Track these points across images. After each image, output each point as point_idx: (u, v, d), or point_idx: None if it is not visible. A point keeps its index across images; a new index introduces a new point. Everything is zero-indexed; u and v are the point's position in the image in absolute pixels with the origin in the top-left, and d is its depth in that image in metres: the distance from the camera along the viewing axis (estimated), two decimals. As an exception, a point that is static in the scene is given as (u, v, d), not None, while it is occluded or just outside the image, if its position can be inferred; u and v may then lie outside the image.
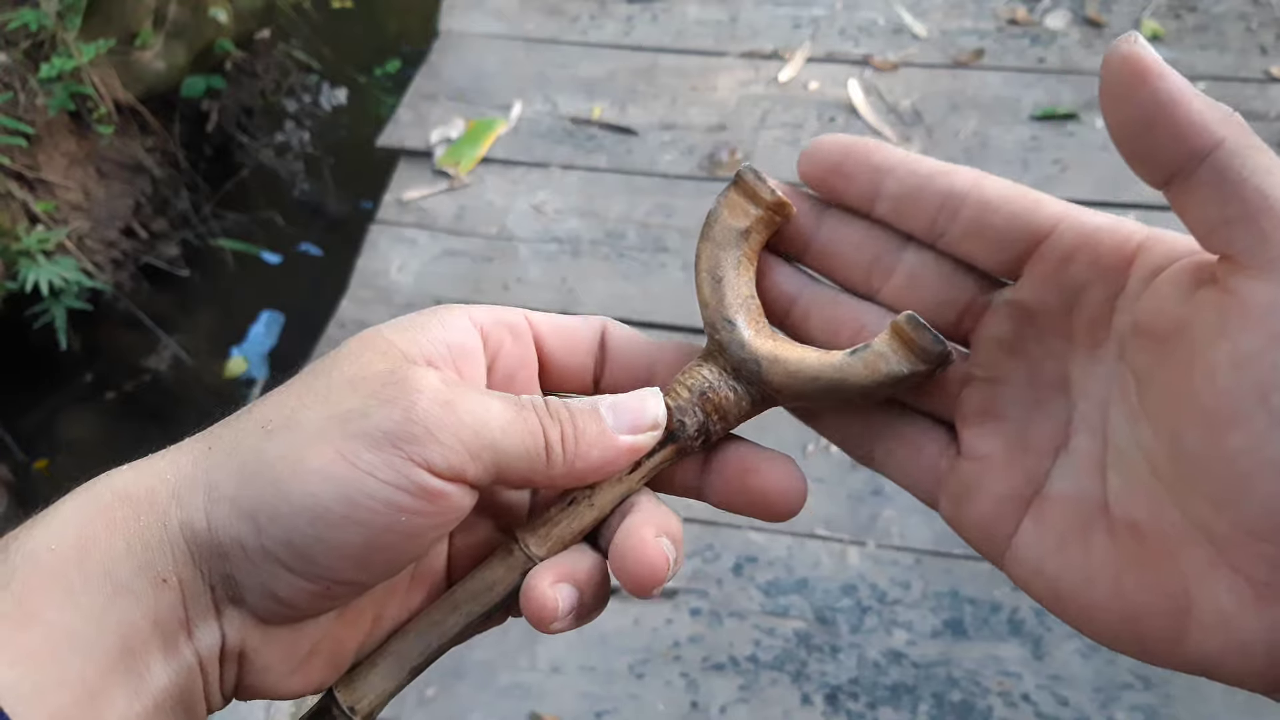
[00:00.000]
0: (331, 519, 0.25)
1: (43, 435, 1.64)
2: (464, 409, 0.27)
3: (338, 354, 0.29)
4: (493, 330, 0.31)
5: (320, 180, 2.02)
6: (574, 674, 1.14)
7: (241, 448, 0.27)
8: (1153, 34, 1.85)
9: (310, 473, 0.25)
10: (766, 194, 0.31)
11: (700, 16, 1.96)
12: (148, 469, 0.27)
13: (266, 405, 0.28)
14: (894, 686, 1.13)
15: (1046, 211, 0.28)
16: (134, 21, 1.78)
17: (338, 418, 0.26)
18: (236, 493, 0.26)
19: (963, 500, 0.30)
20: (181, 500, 0.26)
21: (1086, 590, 0.27)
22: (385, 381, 0.27)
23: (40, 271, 1.53)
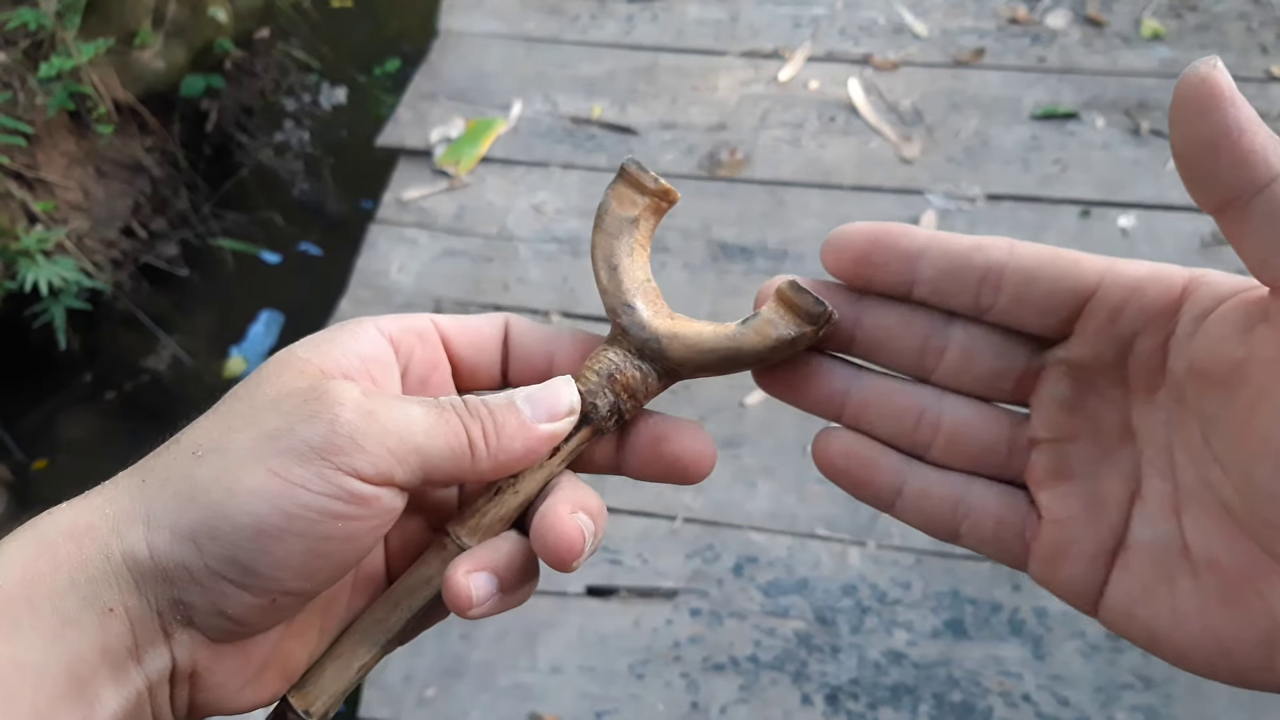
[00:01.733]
0: (271, 532, 0.27)
1: (42, 435, 1.64)
2: (386, 417, 0.28)
3: (258, 376, 0.30)
4: (401, 338, 0.32)
5: (320, 180, 2.02)
6: (574, 674, 1.14)
7: (174, 476, 0.28)
8: (1153, 33, 1.85)
9: (245, 491, 0.27)
10: (650, 183, 0.34)
11: (700, 16, 1.96)
12: (86, 506, 0.28)
13: (195, 431, 0.29)
14: (894, 687, 1.12)
15: (1087, 269, 0.29)
16: (133, 21, 1.78)
17: (265, 437, 0.27)
18: (175, 519, 0.27)
19: (1052, 563, 0.31)
20: (121, 533, 0.27)
21: (1179, 631, 0.28)
22: (306, 398, 0.28)
23: (39, 271, 1.53)
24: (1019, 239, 0.32)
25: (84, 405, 1.70)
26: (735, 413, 1.34)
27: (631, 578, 1.21)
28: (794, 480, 1.28)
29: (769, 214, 1.61)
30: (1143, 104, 1.73)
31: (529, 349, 0.34)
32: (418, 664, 1.14)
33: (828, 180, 1.65)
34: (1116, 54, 1.82)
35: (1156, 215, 1.57)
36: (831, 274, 0.32)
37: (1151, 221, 1.56)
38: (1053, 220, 1.57)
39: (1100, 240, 1.53)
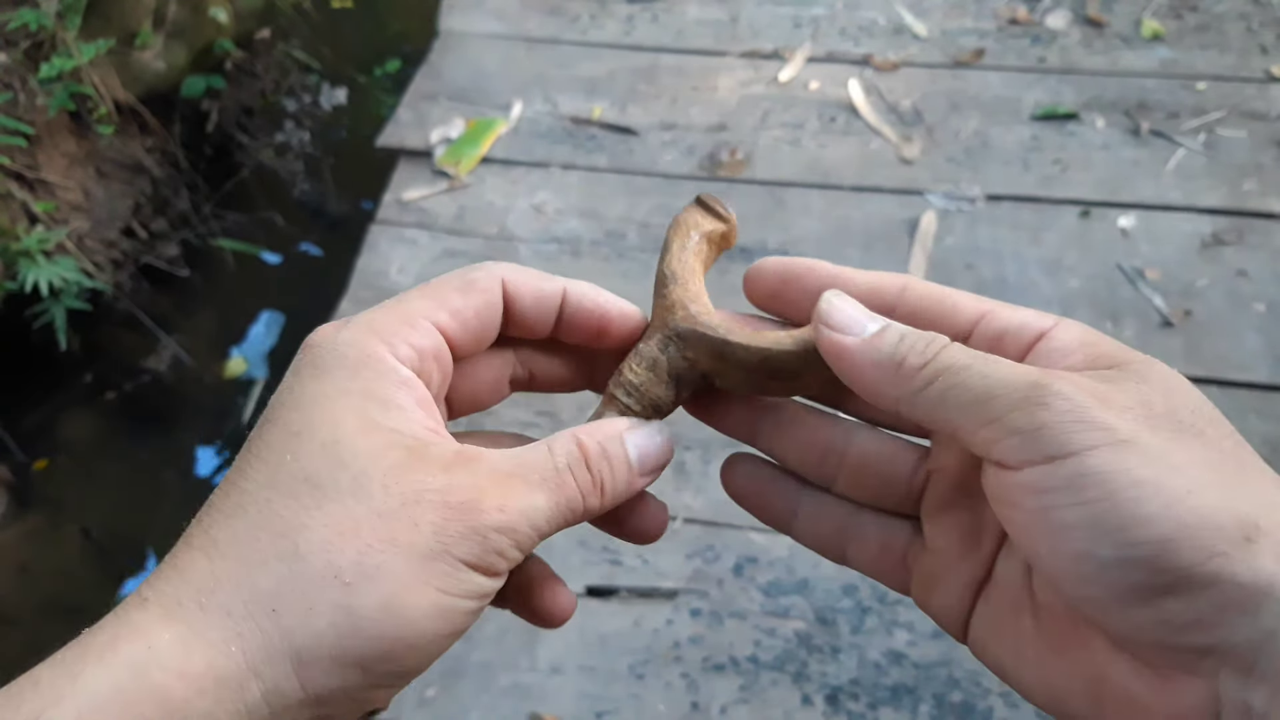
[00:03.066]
0: (442, 642, 0.28)
1: (43, 435, 1.64)
2: (519, 518, 0.28)
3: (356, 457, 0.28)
4: (423, 368, 0.31)
5: (320, 180, 2.02)
6: (574, 674, 1.14)
7: (321, 606, 0.26)
8: (1153, 34, 1.85)
9: (420, 618, 0.27)
10: (723, 210, 0.35)
11: (700, 16, 1.96)
12: (196, 640, 0.25)
13: (316, 544, 0.27)
14: (894, 687, 1.12)
15: (964, 315, 0.31)
16: (134, 21, 1.78)
17: (421, 560, 0.27)
18: (338, 653, 0.26)
19: (929, 589, 0.32)
20: (262, 674, 0.26)
21: (1022, 669, 0.29)
22: (446, 513, 0.27)
23: (40, 272, 1.53)
24: (1019, 239, 0.32)
25: (84, 406, 1.70)
26: (735, 413, 1.34)
27: (632, 578, 1.21)
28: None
29: (769, 214, 1.61)
30: (1143, 104, 1.73)
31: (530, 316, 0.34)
32: (418, 664, 1.14)
33: (828, 181, 1.65)
34: (1116, 54, 1.82)
35: (1156, 215, 1.57)
36: (751, 302, 0.35)
37: (1151, 221, 1.56)
38: (1053, 221, 1.57)
39: (1100, 240, 1.53)
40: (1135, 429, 0.25)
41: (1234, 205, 1.57)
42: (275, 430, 0.29)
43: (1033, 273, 1.49)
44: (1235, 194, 1.58)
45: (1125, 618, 0.25)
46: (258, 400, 1.67)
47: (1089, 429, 0.25)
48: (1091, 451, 0.24)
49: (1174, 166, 1.63)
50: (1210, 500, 0.24)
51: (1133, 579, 0.24)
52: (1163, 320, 1.42)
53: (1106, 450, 0.24)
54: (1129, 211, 1.58)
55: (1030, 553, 0.27)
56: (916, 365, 0.28)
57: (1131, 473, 0.24)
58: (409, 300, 0.32)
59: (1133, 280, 1.48)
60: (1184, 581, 0.24)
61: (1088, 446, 0.24)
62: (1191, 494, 0.24)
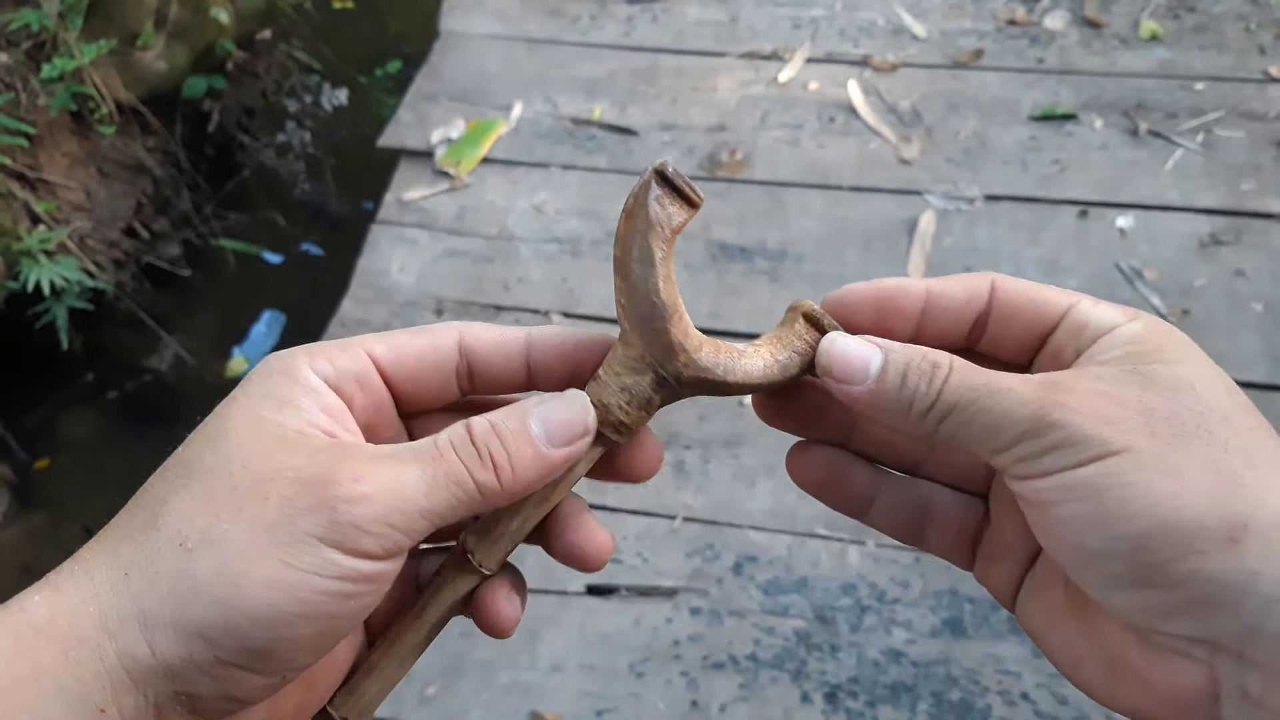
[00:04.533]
0: (287, 620, 0.27)
1: (44, 435, 1.65)
2: (382, 494, 0.27)
3: (223, 438, 0.29)
4: (341, 386, 0.31)
5: (321, 180, 2.02)
6: (574, 673, 1.15)
7: (165, 571, 0.27)
8: (1151, 34, 1.85)
9: (258, 585, 0.26)
10: (694, 195, 0.32)
11: (700, 17, 1.96)
12: (62, 601, 0.27)
13: (171, 516, 0.28)
14: (893, 685, 1.13)
15: (1054, 308, 0.32)
16: (135, 22, 1.78)
17: (265, 528, 0.27)
18: (176, 616, 0.26)
19: (989, 564, 0.34)
20: (113, 633, 0.26)
21: (1050, 636, 0.31)
22: (297, 486, 0.27)
23: (42, 271, 1.53)
24: (1018, 239, 0.33)
25: (86, 405, 1.70)
26: (735, 412, 1.34)
27: (632, 577, 1.22)
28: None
29: (769, 214, 1.61)
30: (1141, 105, 1.73)
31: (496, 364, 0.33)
32: (419, 663, 1.15)
33: (827, 181, 1.66)
34: (1115, 55, 1.83)
35: (1154, 215, 1.58)
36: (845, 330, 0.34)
37: (1149, 222, 1.56)
38: (1051, 221, 1.57)
39: (1099, 240, 1.54)
40: (1131, 438, 0.27)
41: (1232, 205, 1.57)
42: (192, 437, 0.30)
43: (1031, 273, 1.50)
44: (1233, 194, 1.59)
45: (1116, 601, 0.27)
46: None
47: (1086, 447, 0.27)
48: (1087, 465, 0.27)
49: (1172, 167, 1.63)
50: (1197, 501, 0.26)
51: (1115, 569, 0.27)
52: (1161, 320, 1.42)
53: (1100, 463, 0.27)
54: (1127, 211, 1.58)
55: (1043, 544, 0.29)
56: (924, 409, 0.29)
57: (1120, 476, 0.26)
58: (357, 336, 0.33)
59: (1131, 280, 1.48)
60: (1162, 575, 0.26)
61: (1083, 461, 0.27)
62: (1177, 495, 0.26)
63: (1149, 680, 0.28)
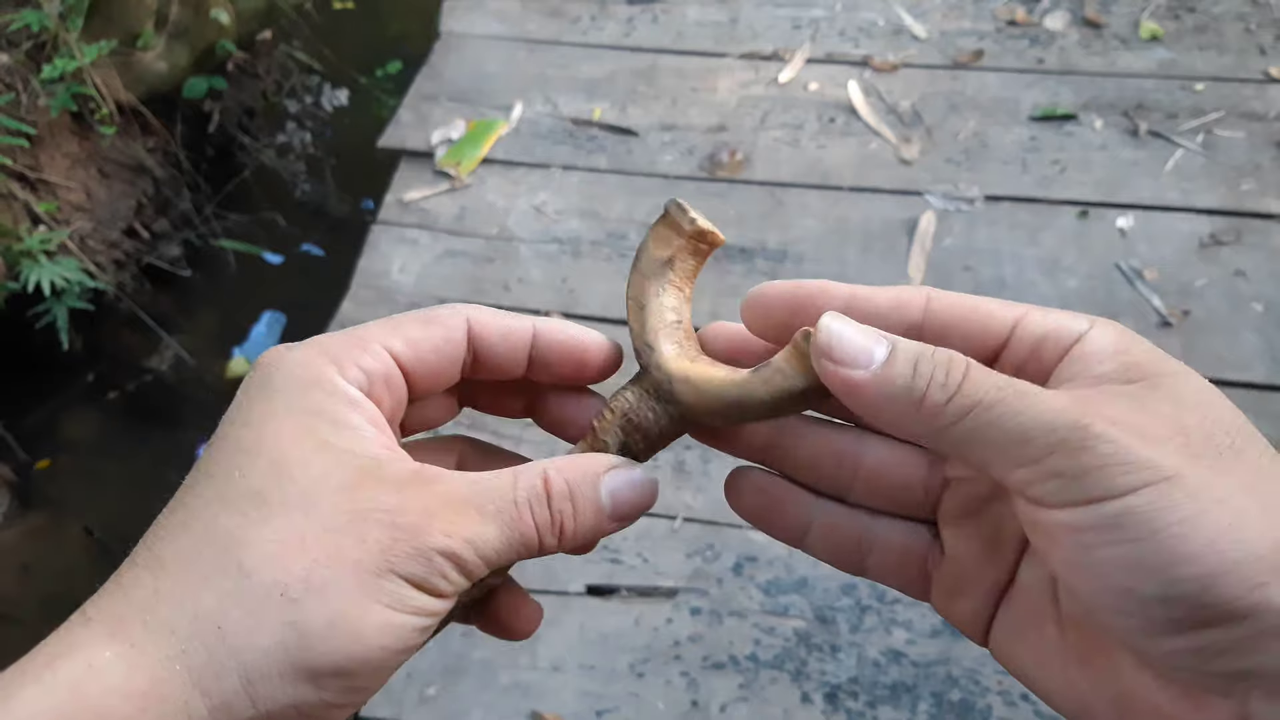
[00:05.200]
0: (394, 658, 0.28)
1: (44, 435, 1.65)
2: (467, 550, 0.28)
3: (306, 473, 0.28)
4: (373, 391, 0.31)
5: (322, 181, 2.03)
6: (575, 673, 1.15)
7: (268, 622, 0.26)
8: (1151, 35, 1.85)
9: (370, 634, 0.27)
10: (686, 224, 0.33)
11: (700, 18, 1.97)
12: (140, 658, 0.25)
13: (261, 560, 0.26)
14: (893, 685, 1.13)
15: (999, 323, 0.29)
16: (136, 22, 1.78)
17: (370, 576, 0.27)
18: (285, 668, 0.26)
19: (950, 596, 0.32)
20: (207, 689, 0.25)
21: (1045, 677, 0.29)
22: (395, 533, 0.27)
23: (42, 272, 1.53)
24: (1018, 240, 0.32)
25: (86, 405, 1.71)
26: (735, 413, 1.34)
27: (632, 577, 1.22)
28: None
29: (768, 215, 1.61)
30: (1141, 105, 1.73)
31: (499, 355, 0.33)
32: (419, 663, 1.15)
33: (827, 181, 1.66)
34: (1115, 55, 1.83)
35: (1154, 216, 1.58)
36: (753, 333, 0.33)
37: (1149, 222, 1.56)
38: (1051, 221, 1.57)
39: (1099, 241, 1.54)
40: (1177, 462, 0.24)
41: (1232, 205, 1.57)
42: (225, 448, 0.29)
43: (1031, 273, 1.50)
44: (1233, 194, 1.59)
45: (1161, 646, 0.25)
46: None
47: (1134, 470, 0.24)
48: (1136, 493, 0.24)
49: (1172, 167, 1.63)
50: (1252, 531, 0.24)
51: (1174, 614, 0.24)
52: (1161, 320, 1.43)
53: (1151, 490, 0.24)
54: (1127, 212, 1.58)
55: (1069, 585, 0.27)
56: (940, 401, 0.26)
57: (1175, 510, 0.24)
58: (366, 326, 0.31)
59: (1131, 280, 1.48)
60: (1226, 614, 0.24)
61: (1133, 488, 0.24)
62: (1233, 527, 0.24)
63: None
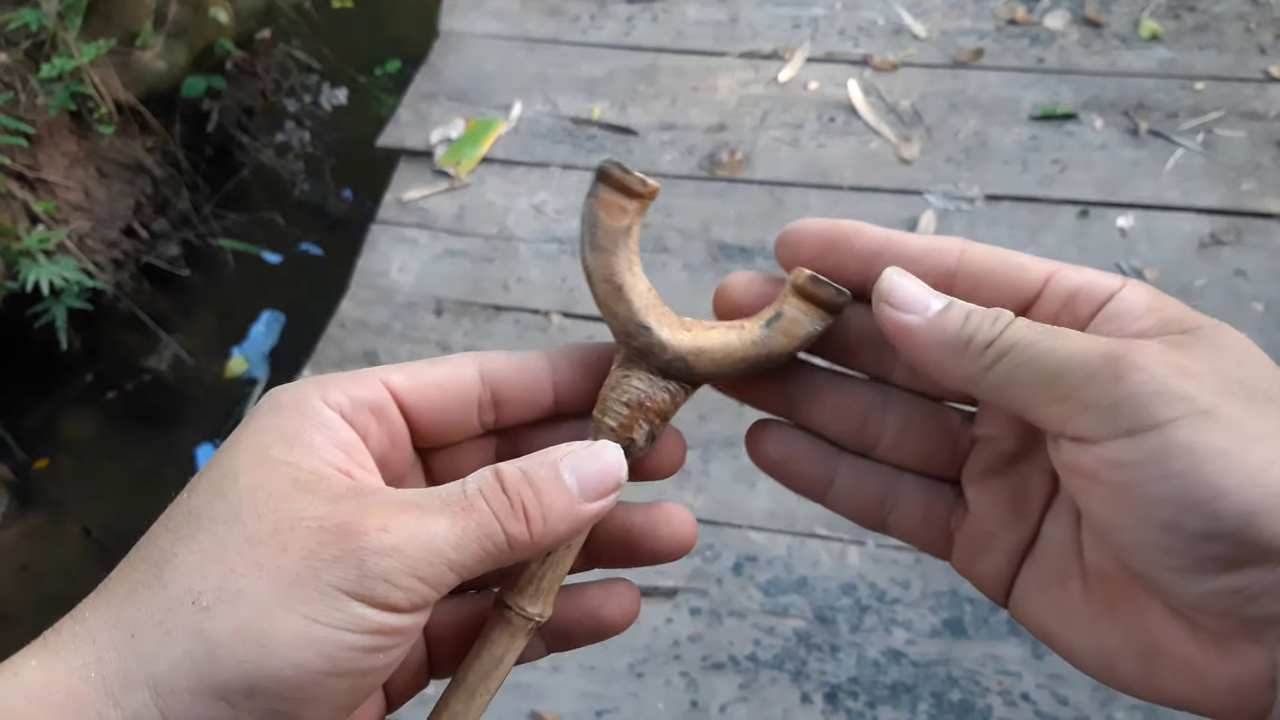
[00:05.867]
0: (315, 679, 0.25)
1: (43, 435, 1.65)
2: (410, 545, 0.26)
3: (236, 486, 0.27)
4: (355, 417, 0.30)
5: (321, 180, 2.02)
6: (574, 673, 1.14)
7: (176, 631, 0.25)
8: (1152, 34, 1.85)
9: (284, 644, 0.25)
10: (639, 185, 0.30)
11: (700, 17, 1.96)
12: (59, 666, 0.25)
13: (179, 571, 0.26)
14: (893, 685, 1.13)
15: (1032, 275, 0.30)
16: (134, 21, 1.78)
17: (287, 583, 0.25)
18: (193, 681, 0.24)
19: (972, 555, 0.32)
20: (119, 700, 0.24)
21: (1068, 632, 0.29)
22: (319, 536, 0.26)
23: (41, 271, 1.53)
24: (1018, 239, 0.32)
25: (85, 405, 1.70)
26: (735, 412, 1.34)
27: (631, 576, 1.21)
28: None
29: (768, 214, 1.61)
30: (1141, 104, 1.73)
31: (521, 388, 0.32)
32: (418, 663, 1.15)
33: (827, 181, 1.65)
34: (1115, 55, 1.83)
35: (1155, 215, 1.57)
36: (785, 269, 0.32)
37: (1150, 221, 1.56)
38: (1051, 220, 1.57)
39: (1099, 240, 1.54)
40: (1214, 399, 0.24)
41: (1232, 205, 1.57)
42: (199, 476, 0.28)
43: (1031, 272, 1.50)
44: (1233, 194, 1.58)
45: (1200, 586, 0.25)
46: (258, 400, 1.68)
47: (1170, 400, 0.24)
48: (1175, 423, 0.24)
49: (1172, 166, 1.63)
50: None
51: (1218, 551, 0.24)
52: (1161, 320, 1.42)
53: (1189, 421, 0.24)
54: (1127, 211, 1.58)
55: (1109, 524, 0.26)
56: (984, 342, 0.27)
57: (1216, 444, 0.24)
58: (373, 368, 0.31)
59: (1131, 280, 1.48)
60: (1267, 553, 0.24)
61: (1171, 419, 0.24)
62: (1273, 464, 0.24)
63: (1203, 671, 0.26)
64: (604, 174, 0.30)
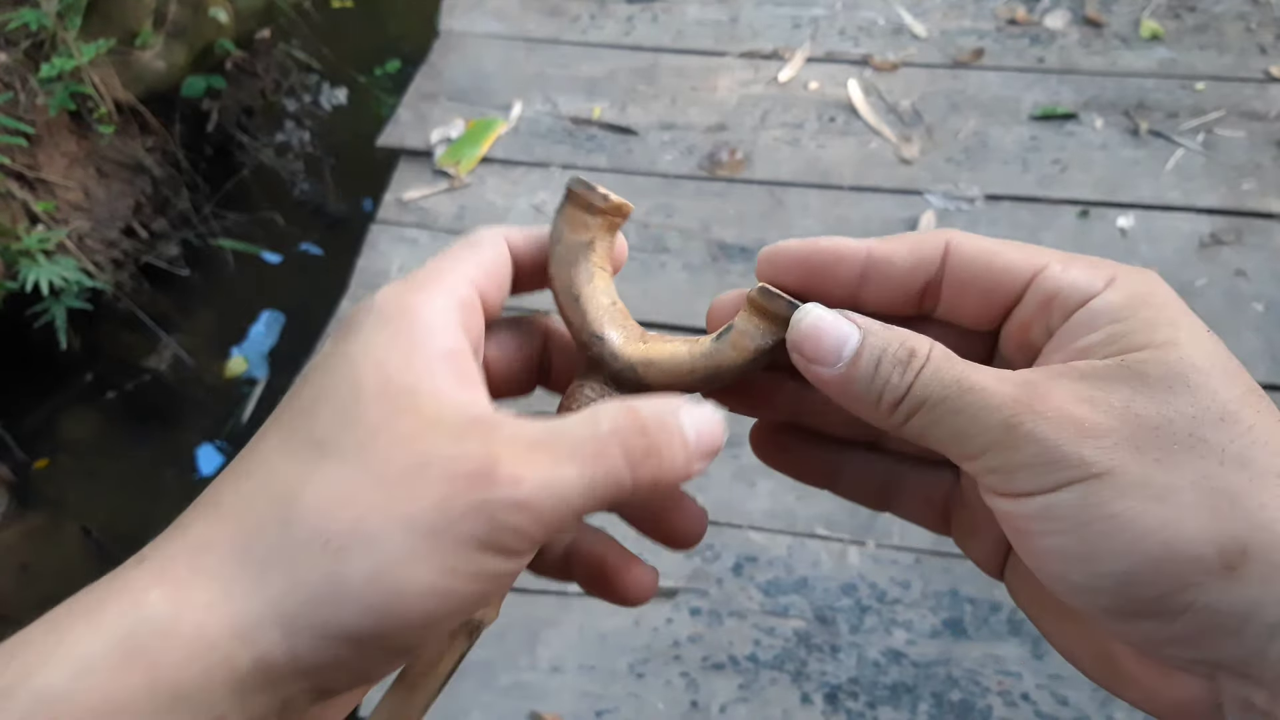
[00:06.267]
0: (437, 624, 0.26)
1: (43, 435, 1.64)
2: (541, 498, 0.25)
3: (363, 419, 0.26)
4: (461, 322, 0.29)
5: (320, 180, 2.02)
6: (574, 673, 1.14)
7: (308, 574, 0.24)
8: (1152, 34, 1.85)
9: (416, 596, 0.25)
10: (599, 201, 0.31)
11: (700, 16, 1.96)
12: (185, 599, 0.24)
13: (309, 511, 0.25)
14: (894, 686, 1.13)
15: (1015, 276, 0.29)
16: (134, 21, 1.78)
17: (421, 534, 0.25)
18: (323, 622, 0.24)
19: (966, 538, 0.33)
20: (248, 639, 0.24)
21: (1043, 623, 0.30)
22: (455, 485, 0.25)
23: (40, 271, 1.53)
24: (1018, 239, 0.32)
25: (85, 405, 1.70)
26: (735, 412, 1.34)
27: (631, 577, 1.21)
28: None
29: (769, 214, 1.61)
30: (1142, 104, 1.73)
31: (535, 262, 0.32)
32: (418, 663, 1.15)
33: (827, 180, 1.65)
34: (1115, 54, 1.83)
35: (1155, 215, 1.57)
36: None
37: (1150, 221, 1.56)
38: (1052, 220, 1.57)
39: (1099, 240, 1.54)
40: (1114, 457, 0.24)
41: (1233, 205, 1.57)
42: (301, 392, 0.27)
43: (1032, 272, 1.50)
44: (1234, 194, 1.58)
45: (1113, 627, 0.26)
46: (258, 400, 1.67)
47: (1060, 468, 0.25)
48: (1061, 489, 0.25)
49: (1173, 166, 1.63)
50: (1190, 529, 0.24)
51: (1104, 602, 0.25)
52: (1161, 320, 1.42)
53: (1078, 487, 0.24)
54: (1128, 211, 1.58)
55: (1023, 556, 0.27)
56: (893, 400, 0.27)
57: (1102, 507, 0.24)
58: (439, 259, 0.30)
59: (1131, 280, 1.48)
60: (1155, 608, 0.24)
61: (1058, 484, 0.25)
62: (1167, 525, 0.24)
63: (1152, 690, 0.27)
64: (570, 192, 0.32)
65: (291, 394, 0.28)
